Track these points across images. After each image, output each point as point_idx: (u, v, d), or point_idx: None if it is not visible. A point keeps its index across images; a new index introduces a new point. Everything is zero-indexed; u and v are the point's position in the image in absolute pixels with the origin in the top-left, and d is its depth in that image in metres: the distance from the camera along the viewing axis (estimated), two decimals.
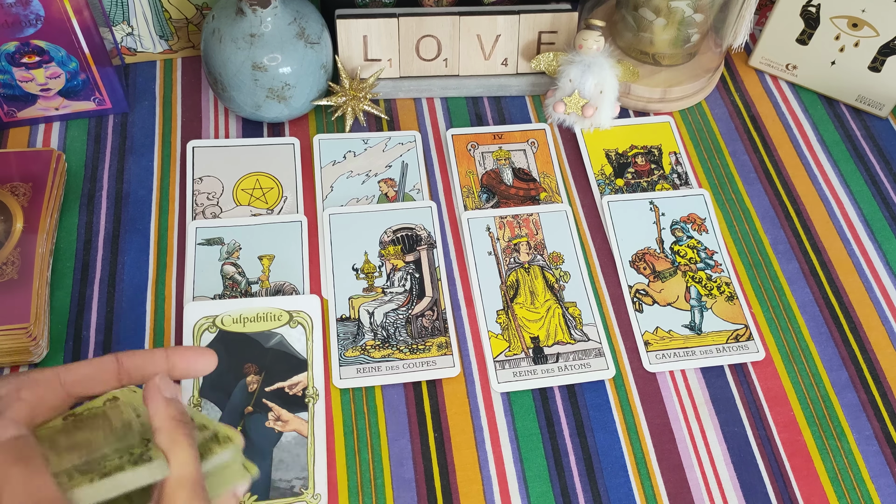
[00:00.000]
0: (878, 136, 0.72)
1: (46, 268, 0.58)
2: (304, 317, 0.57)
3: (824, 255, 0.64)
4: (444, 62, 0.71)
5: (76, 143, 0.67)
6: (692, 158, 0.70)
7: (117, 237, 0.62)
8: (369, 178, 0.66)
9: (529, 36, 0.70)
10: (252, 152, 0.67)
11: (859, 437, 0.55)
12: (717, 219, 0.66)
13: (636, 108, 0.73)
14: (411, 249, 0.62)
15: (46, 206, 0.59)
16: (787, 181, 0.69)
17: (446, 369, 0.56)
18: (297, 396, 0.54)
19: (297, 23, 0.63)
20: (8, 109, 0.66)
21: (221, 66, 0.63)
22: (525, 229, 0.64)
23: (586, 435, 0.55)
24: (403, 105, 0.72)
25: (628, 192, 0.67)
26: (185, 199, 0.64)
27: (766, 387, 0.57)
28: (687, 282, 0.62)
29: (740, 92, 0.75)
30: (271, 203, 0.64)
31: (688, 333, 0.59)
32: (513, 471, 0.53)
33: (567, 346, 0.58)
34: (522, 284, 0.61)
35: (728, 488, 0.53)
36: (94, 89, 0.66)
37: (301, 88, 0.65)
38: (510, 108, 0.72)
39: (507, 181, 0.67)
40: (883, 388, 0.58)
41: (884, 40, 0.68)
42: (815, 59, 0.73)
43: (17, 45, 0.61)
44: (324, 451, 0.53)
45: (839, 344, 0.60)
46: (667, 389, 0.57)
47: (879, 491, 0.53)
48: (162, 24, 0.70)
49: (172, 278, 0.60)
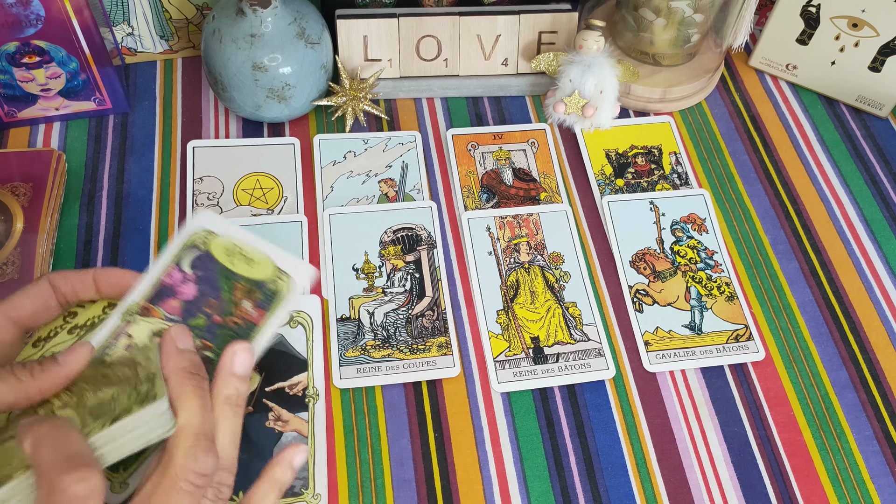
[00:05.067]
0: (878, 136, 0.72)
1: (47, 268, 0.58)
2: (304, 317, 0.57)
3: (824, 255, 0.64)
4: (444, 62, 0.71)
5: (76, 143, 0.67)
6: (692, 158, 0.70)
7: (117, 237, 0.62)
8: (369, 178, 0.66)
9: (529, 36, 0.70)
10: (252, 152, 0.67)
11: (859, 437, 0.55)
12: (717, 219, 0.66)
13: (636, 108, 0.73)
14: (411, 249, 0.62)
15: (47, 206, 0.59)
16: (787, 181, 0.69)
17: (446, 369, 0.56)
18: (297, 396, 0.54)
19: (298, 23, 0.63)
20: (8, 109, 0.66)
21: (222, 66, 0.63)
22: (525, 229, 0.64)
23: (586, 435, 0.55)
24: (403, 105, 0.72)
25: (628, 192, 0.67)
26: (186, 200, 0.64)
27: (766, 387, 0.57)
28: (687, 282, 0.62)
29: (740, 92, 0.75)
30: (271, 203, 0.64)
31: (688, 333, 0.59)
32: (513, 471, 0.53)
33: (567, 346, 0.58)
34: (522, 284, 0.61)
35: (728, 488, 0.53)
36: (95, 89, 0.66)
37: (301, 88, 0.65)
38: (510, 108, 0.72)
39: (508, 181, 0.67)
40: (883, 388, 0.58)
41: (884, 40, 0.69)
42: (815, 59, 0.73)
43: (18, 46, 0.61)
44: (324, 451, 0.53)
45: (839, 344, 0.60)
46: (667, 389, 0.57)
47: (879, 491, 0.53)
48: (162, 24, 0.70)
49: None
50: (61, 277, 0.43)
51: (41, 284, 0.43)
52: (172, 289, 0.45)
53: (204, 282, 0.45)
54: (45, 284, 0.43)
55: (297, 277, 0.47)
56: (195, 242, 0.46)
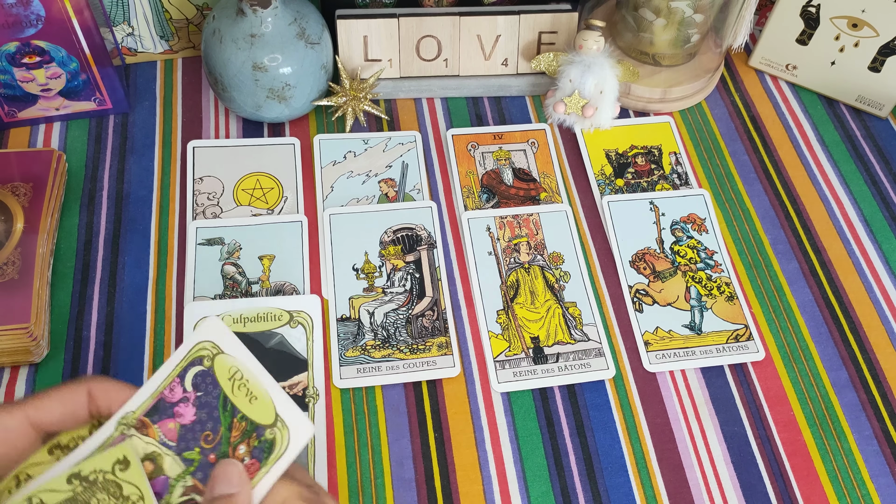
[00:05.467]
0: (878, 136, 0.72)
1: (47, 268, 0.58)
2: (304, 317, 0.57)
3: (824, 255, 0.64)
4: (444, 62, 0.71)
5: (77, 143, 0.67)
6: (692, 158, 0.70)
7: (118, 237, 0.62)
8: (369, 178, 0.66)
9: (529, 36, 0.70)
10: (252, 152, 0.67)
11: (859, 437, 0.55)
12: (717, 219, 0.66)
13: (636, 108, 0.73)
14: (411, 249, 0.62)
15: (47, 206, 0.59)
16: (787, 181, 0.69)
17: (446, 369, 0.56)
18: (297, 396, 0.54)
19: (298, 23, 0.63)
20: (8, 109, 0.66)
21: (222, 66, 0.63)
22: (525, 229, 0.64)
23: (586, 435, 0.55)
24: (403, 105, 0.72)
25: (628, 192, 0.67)
26: (186, 200, 0.64)
27: (766, 387, 0.57)
28: (687, 282, 0.62)
29: (740, 92, 0.75)
30: (272, 203, 0.64)
31: (688, 333, 0.59)
32: (513, 471, 0.53)
33: (567, 346, 0.58)
34: (522, 284, 0.61)
35: (728, 488, 0.53)
36: (95, 89, 0.66)
37: (301, 89, 0.65)
38: (510, 108, 0.72)
39: (508, 181, 0.67)
40: (883, 388, 0.58)
41: (884, 40, 0.69)
42: (815, 59, 0.73)
43: (18, 46, 0.61)
44: (324, 451, 0.53)
45: (839, 344, 0.60)
46: (667, 389, 0.57)
47: (879, 491, 0.53)
48: (162, 25, 0.70)
49: (173, 278, 0.60)
50: (102, 389, 0.39)
51: (78, 391, 0.38)
52: (172, 407, 0.42)
53: (204, 407, 0.43)
54: (83, 391, 0.38)
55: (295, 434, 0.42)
56: (201, 355, 0.43)
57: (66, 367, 0.55)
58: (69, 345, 0.56)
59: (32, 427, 0.37)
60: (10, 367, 0.55)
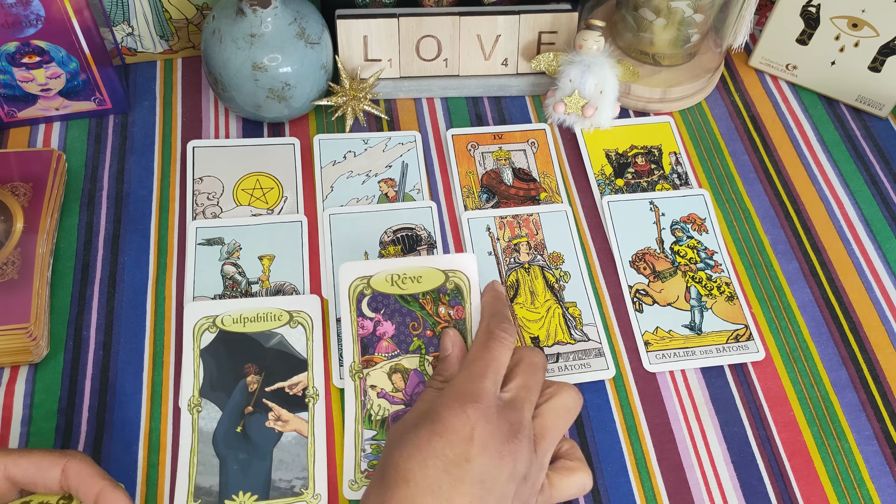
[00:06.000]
0: (878, 136, 0.72)
1: (47, 268, 0.58)
2: (304, 317, 0.57)
3: (824, 255, 0.64)
4: (444, 62, 0.71)
5: (76, 143, 0.67)
6: (692, 158, 0.70)
7: (117, 237, 0.62)
8: (369, 178, 0.66)
9: (529, 36, 0.70)
10: (252, 152, 0.67)
11: (859, 437, 0.55)
12: (717, 219, 0.66)
13: (636, 108, 0.73)
14: (411, 249, 0.62)
15: (47, 206, 0.59)
16: (787, 181, 0.69)
17: None
18: (297, 396, 0.54)
19: (298, 23, 0.63)
20: (8, 109, 0.66)
21: (222, 66, 0.63)
22: (525, 229, 0.64)
23: (586, 435, 0.55)
24: (403, 105, 0.72)
25: (628, 192, 0.67)
26: (186, 199, 0.64)
27: (766, 387, 0.57)
28: (687, 282, 0.62)
29: (740, 92, 0.75)
30: (271, 203, 0.64)
31: (688, 333, 0.59)
32: None
33: (567, 346, 0.58)
34: (522, 284, 0.61)
35: (728, 488, 0.53)
36: (95, 89, 0.66)
37: (301, 88, 0.65)
38: (510, 108, 0.72)
39: (508, 181, 0.67)
40: (883, 388, 0.58)
41: (884, 40, 0.69)
42: (815, 59, 0.73)
43: (18, 46, 0.61)
44: (324, 451, 0.53)
45: (839, 344, 0.60)
46: (667, 389, 0.57)
47: (879, 491, 0.53)
48: (162, 24, 0.70)
49: (173, 278, 0.60)
50: (76, 470, 0.41)
51: (55, 462, 0.41)
52: (373, 335, 0.52)
53: (393, 314, 0.52)
54: (58, 466, 0.41)
55: (464, 269, 0.54)
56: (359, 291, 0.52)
57: (65, 367, 0.55)
58: (69, 345, 0.56)
59: (7, 479, 0.41)
60: (10, 367, 0.55)
